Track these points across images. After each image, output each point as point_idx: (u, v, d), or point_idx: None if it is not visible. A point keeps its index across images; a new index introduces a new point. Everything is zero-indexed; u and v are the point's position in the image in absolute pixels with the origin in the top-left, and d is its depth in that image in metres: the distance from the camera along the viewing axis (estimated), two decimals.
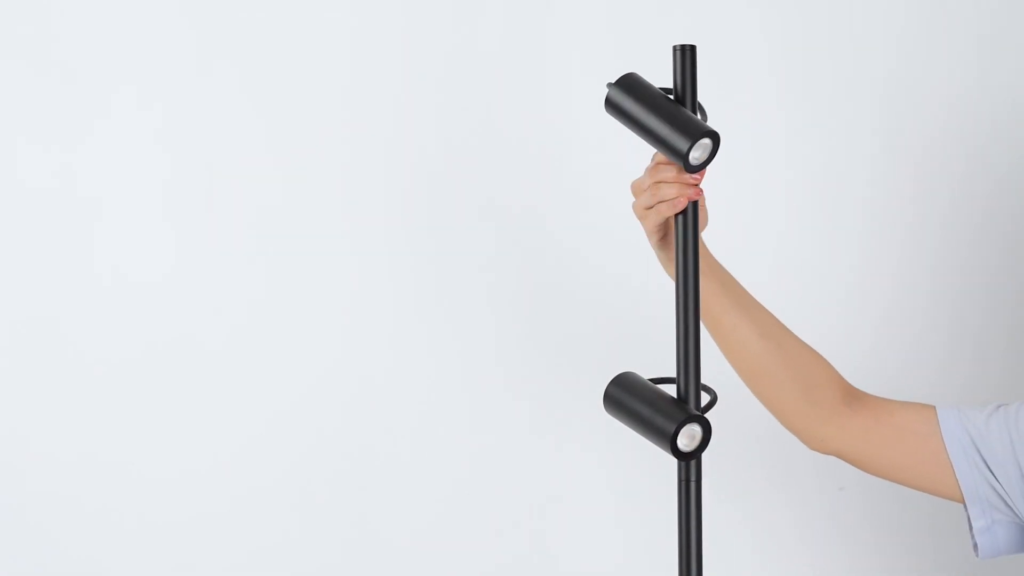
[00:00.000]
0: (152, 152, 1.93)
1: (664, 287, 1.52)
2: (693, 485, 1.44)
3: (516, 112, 1.98)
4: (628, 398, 1.43)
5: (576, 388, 1.97)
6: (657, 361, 1.63)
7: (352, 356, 1.98)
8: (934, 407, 1.63)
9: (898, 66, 2.06)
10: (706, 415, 1.41)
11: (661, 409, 1.40)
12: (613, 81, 1.40)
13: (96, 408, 1.92)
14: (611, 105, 1.41)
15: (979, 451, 1.60)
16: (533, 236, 2.00)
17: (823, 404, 1.63)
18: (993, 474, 1.59)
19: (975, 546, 1.64)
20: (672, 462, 1.43)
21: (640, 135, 1.40)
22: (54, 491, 1.92)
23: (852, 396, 1.64)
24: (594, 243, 2.01)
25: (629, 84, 1.40)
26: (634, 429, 1.43)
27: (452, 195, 1.98)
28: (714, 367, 1.57)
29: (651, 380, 1.46)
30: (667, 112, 1.38)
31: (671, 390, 1.44)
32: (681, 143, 1.37)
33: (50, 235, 1.90)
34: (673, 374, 1.45)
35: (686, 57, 1.41)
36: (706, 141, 1.37)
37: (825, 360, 1.64)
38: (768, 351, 1.60)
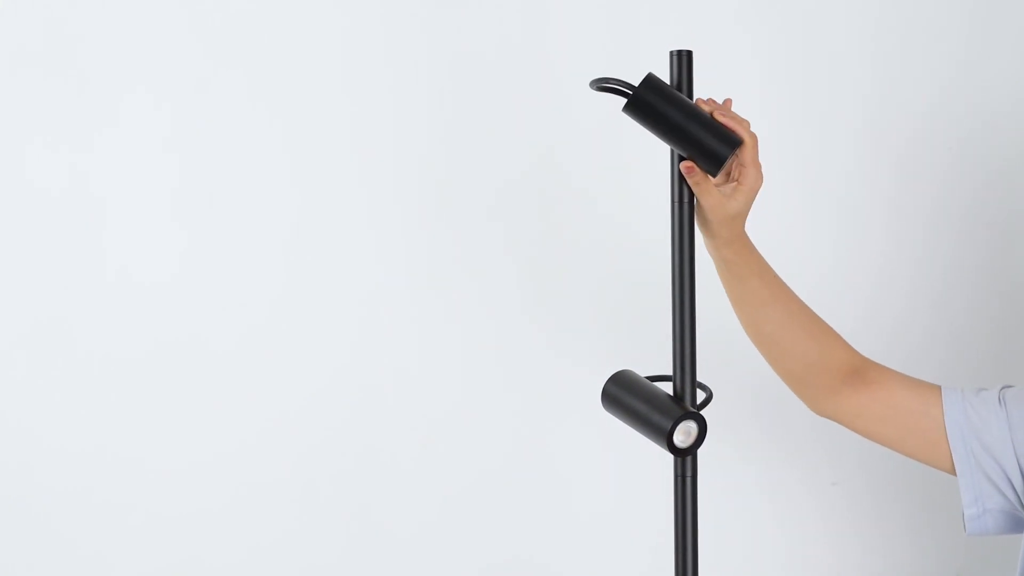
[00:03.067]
0: (161, 155, 1.94)
1: (662, 286, 1.53)
2: (689, 481, 1.45)
3: (518, 115, 1.99)
4: (625, 396, 1.45)
5: (575, 386, 1.98)
6: (654, 359, 1.64)
7: (356, 356, 1.99)
8: (939, 388, 1.64)
9: (882, 67, 2.07)
10: (702, 412, 1.43)
11: (657, 406, 1.42)
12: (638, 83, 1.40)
13: (105, 405, 1.94)
14: (639, 106, 1.40)
15: (978, 438, 1.61)
16: (533, 236, 2.02)
17: (819, 386, 1.64)
18: (994, 458, 1.60)
19: (964, 524, 1.65)
20: (669, 458, 1.45)
21: (673, 140, 1.42)
22: (63, 486, 1.93)
23: (854, 375, 1.65)
24: (592, 244, 2.02)
25: (656, 87, 1.41)
26: (631, 426, 1.45)
27: (457, 196, 2.00)
28: (710, 365, 1.59)
29: (648, 378, 1.48)
30: (704, 121, 1.41)
31: (667, 388, 1.46)
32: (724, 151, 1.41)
33: (61, 236, 1.92)
34: (669, 372, 1.47)
35: (682, 62, 1.43)
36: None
37: (832, 341, 1.64)
38: (781, 330, 1.61)
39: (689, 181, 1.43)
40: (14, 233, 1.92)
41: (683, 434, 1.42)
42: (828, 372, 1.64)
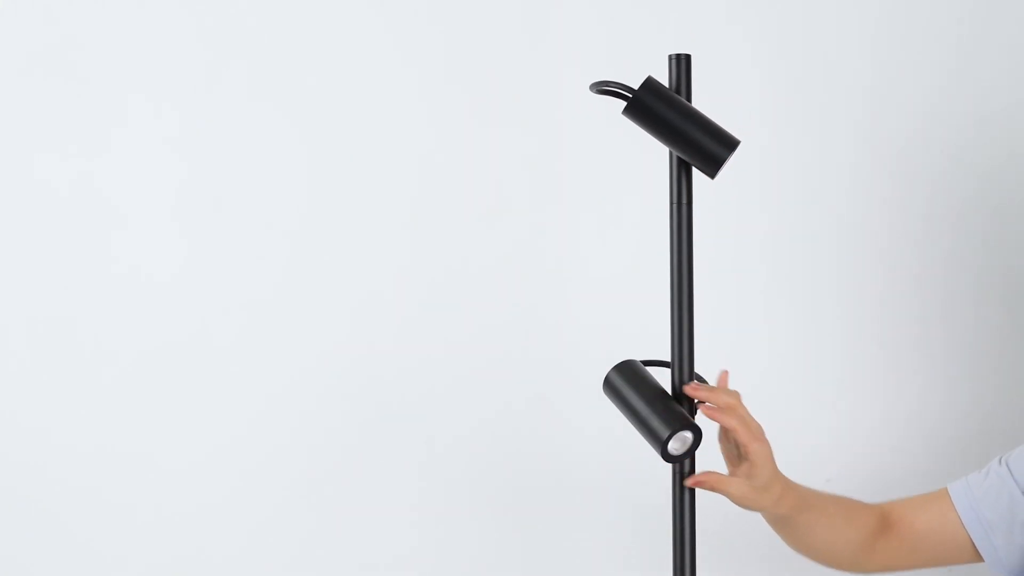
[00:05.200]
0: (166, 157, 1.95)
1: (661, 286, 1.54)
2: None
3: (518, 117, 2.00)
4: (628, 390, 1.46)
5: (573, 386, 1.99)
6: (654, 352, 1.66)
7: (361, 353, 2.00)
8: (946, 490, 1.69)
9: (880, 69, 2.08)
10: (697, 419, 1.44)
11: (657, 411, 1.43)
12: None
13: (112, 403, 1.95)
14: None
15: (990, 511, 1.65)
16: (532, 236, 2.03)
17: (862, 556, 1.68)
18: (1007, 520, 1.64)
19: None
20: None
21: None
22: (72, 483, 1.94)
23: (882, 526, 1.69)
24: (591, 244, 2.03)
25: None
26: (628, 420, 1.47)
27: (458, 197, 2.01)
28: (708, 366, 1.60)
29: (645, 362, 1.49)
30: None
31: (667, 373, 1.47)
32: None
33: (69, 238, 1.93)
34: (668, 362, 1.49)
35: (681, 65, 1.45)
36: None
37: (861, 514, 1.68)
38: (830, 535, 1.64)
39: (707, 488, 1.45)
40: (22, 234, 1.93)
41: (679, 443, 1.43)
42: (867, 542, 1.67)
